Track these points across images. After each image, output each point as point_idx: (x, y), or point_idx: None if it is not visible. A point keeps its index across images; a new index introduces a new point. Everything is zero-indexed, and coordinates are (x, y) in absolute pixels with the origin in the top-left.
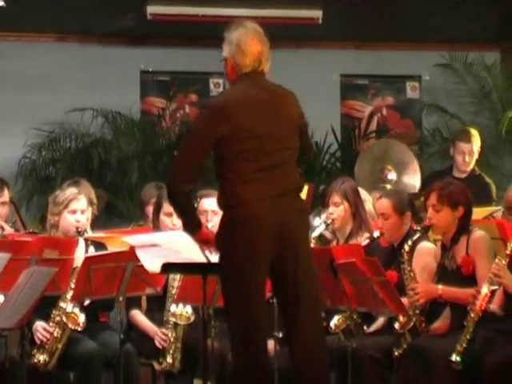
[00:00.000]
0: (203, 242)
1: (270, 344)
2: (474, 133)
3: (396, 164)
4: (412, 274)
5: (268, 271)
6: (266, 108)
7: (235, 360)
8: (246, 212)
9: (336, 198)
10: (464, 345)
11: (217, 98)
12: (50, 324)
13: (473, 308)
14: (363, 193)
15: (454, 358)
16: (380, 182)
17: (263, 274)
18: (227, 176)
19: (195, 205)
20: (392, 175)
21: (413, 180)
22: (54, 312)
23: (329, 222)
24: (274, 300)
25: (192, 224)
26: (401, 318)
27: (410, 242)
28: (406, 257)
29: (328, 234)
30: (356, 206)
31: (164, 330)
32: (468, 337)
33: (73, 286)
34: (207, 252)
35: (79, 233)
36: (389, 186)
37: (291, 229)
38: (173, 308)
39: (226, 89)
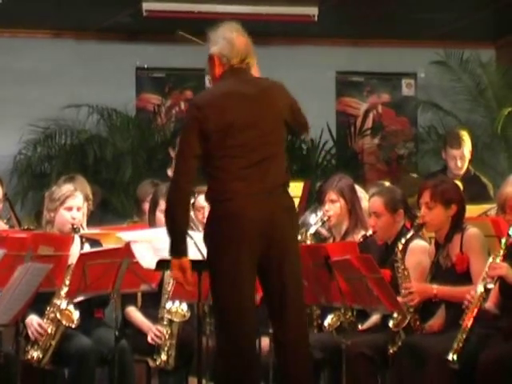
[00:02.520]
0: (180, 269)
1: (264, 341)
2: (465, 136)
3: None
4: (406, 273)
5: (256, 268)
6: (252, 102)
7: (221, 357)
8: (232, 208)
9: (332, 196)
10: (461, 344)
11: (203, 93)
12: (45, 320)
13: (468, 307)
14: (360, 190)
15: (451, 357)
16: None
17: (250, 269)
18: (214, 172)
19: (192, 200)
20: None
21: None
22: (48, 309)
23: (325, 219)
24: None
25: (180, 245)
26: (395, 317)
27: (403, 241)
28: (399, 255)
29: (324, 232)
30: (352, 203)
31: (159, 327)
32: (464, 336)
33: (68, 282)
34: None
35: (75, 230)
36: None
37: (278, 226)
38: (168, 305)
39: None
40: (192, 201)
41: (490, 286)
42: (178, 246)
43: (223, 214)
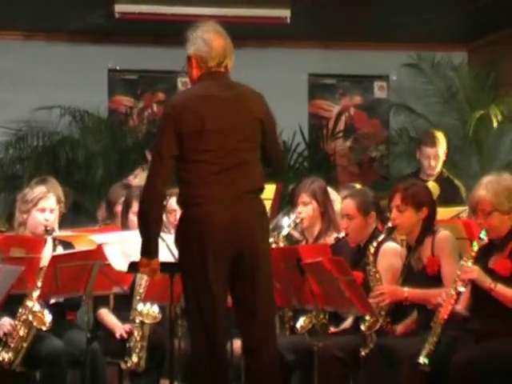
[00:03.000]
0: (149, 270)
1: (237, 343)
2: (440, 136)
3: None
4: (377, 276)
5: (227, 271)
6: (228, 107)
7: (193, 359)
8: (201, 213)
9: (305, 198)
10: (431, 347)
11: (178, 95)
12: (16, 322)
13: (440, 310)
14: (333, 193)
15: (422, 360)
16: None
17: (221, 273)
18: (186, 176)
19: (164, 203)
20: None
21: None
22: (20, 311)
23: (297, 221)
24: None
25: (152, 247)
26: (367, 319)
27: (374, 244)
28: (370, 258)
29: (297, 234)
30: (325, 205)
31: (129, 325)
32: (435, 339)
33: (40, 284)
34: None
35: (47, 232)
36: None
37: (248, 231)
38: (140, 307)
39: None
40: (164, 203)
41: (462, 289)
42: (150, 246)
43: (193, 219)
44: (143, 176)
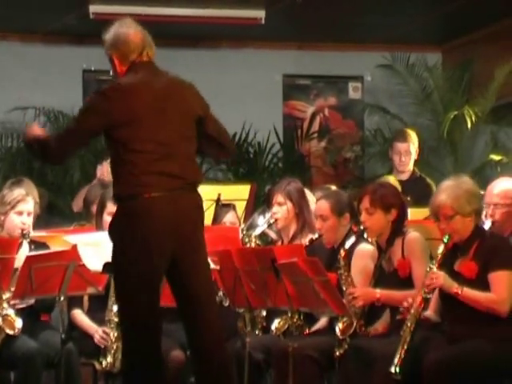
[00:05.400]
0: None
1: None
2: (411, 133)
3: None
4: (349, 279)
5: (165, 265)
6: (161, 95)
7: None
8: (138, 206)
9: (280, 198)
10: (402, 356)
11: (111, 84)
12: None
13: (408, 318)
14: (309, 194)
15: (394, 369)
16: None
17: (159, 268)
18: (121, 167)
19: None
20: None
21: None
22: None
23: (272, 221)
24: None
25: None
26: (341, 324)
27: (346, 246)
28: (341, 262)
29: (273, 235)
30: (300, 206)
31: (105, 329)
32: (406, 347)
33: (13, 289)
34: None
35: (24, 235)
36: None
37: (189, 223)
38: (115, 307)
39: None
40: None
41: (429, 295)
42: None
43: (129, 212)
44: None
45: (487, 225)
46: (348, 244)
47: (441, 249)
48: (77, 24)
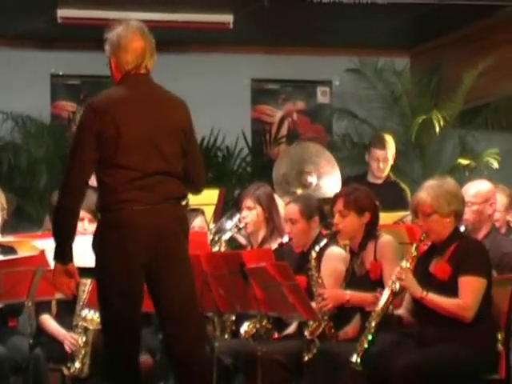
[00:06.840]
0: (66, 274)
1: None
2: (389, 139)
3: (316, 167)
4: (320, 281)
5: (143, 277)
6: (147, 112)
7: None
8: (121, 217)
9: (249, 203)
10: (364, 345)
11: (99, 97)
12: None
13: (374, 310)
14: (277, 198)
15: (354, 358)
16: (299, 186)
17: (139, 279)
18: (107, 180)
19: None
20: (312, 178)
21: (333, 184)
22: None
23: (241, 225)
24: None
25: (68, 251)
26: (310, 325)
27: (317, 249)
28: (313, 263)
29: (242, 240)
30: (269, 211)
31: (73, 334)
32: (369, 337)
33: None
34: None
35: None
36: (305, 190)
37: (168, 235)
38: (83, 313)
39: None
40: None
41: (397, 289)
42: (65, 251)
43: (114, 224)
44: None
45: (462, 227)
46: (320, 245)
47: (415, 246)
48: (45, 28)
